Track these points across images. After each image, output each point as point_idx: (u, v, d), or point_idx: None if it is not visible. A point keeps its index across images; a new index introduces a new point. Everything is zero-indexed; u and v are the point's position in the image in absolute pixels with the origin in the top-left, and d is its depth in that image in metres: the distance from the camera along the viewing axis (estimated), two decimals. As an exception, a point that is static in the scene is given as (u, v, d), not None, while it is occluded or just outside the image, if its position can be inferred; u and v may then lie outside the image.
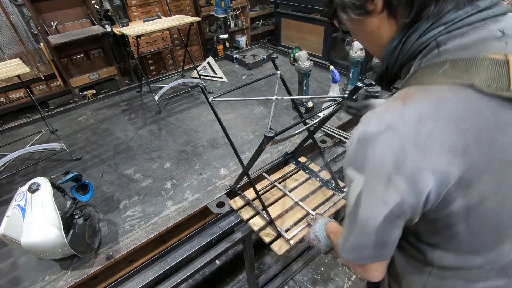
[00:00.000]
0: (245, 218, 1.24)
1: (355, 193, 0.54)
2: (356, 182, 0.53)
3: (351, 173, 0.54)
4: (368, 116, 0.53)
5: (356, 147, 0.52)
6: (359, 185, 0.52)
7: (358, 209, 0.54)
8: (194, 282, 2.05)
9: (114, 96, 2.48)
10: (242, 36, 5.10)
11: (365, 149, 0.50)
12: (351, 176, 0.54)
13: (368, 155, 0.50)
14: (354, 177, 0.53)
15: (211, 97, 1.07)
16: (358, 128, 0.53)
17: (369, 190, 0.51)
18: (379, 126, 0.49)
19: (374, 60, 1.90)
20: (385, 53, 0.60)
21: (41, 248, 1.03)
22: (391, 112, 0.50)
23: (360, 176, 0.52)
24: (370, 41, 0.64)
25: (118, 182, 1.55)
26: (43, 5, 3.46)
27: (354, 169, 0.53)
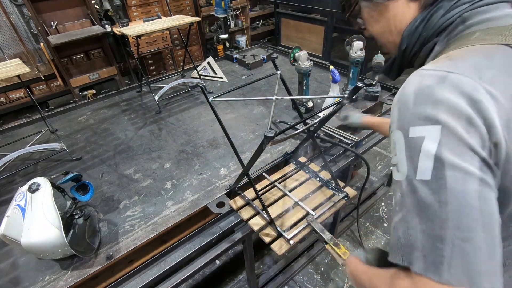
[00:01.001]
0: (245, 218, 1.24)
1: (430, 154, 0.43)
2: (430, 137, 0.43)
3: (418, 131, 0.45)
4: (414, 75, 0.50)
5: (418, 100, 0.46)
6: (435, 138, 0.43)
7: (443, 173, 0.42)
8: (194, 282, 2.05)
9: (114, 96, 2.48)
10: (242, 36, 5.10)
11: (431, 96, 0.45)
12: (419, 134, 0.45)
13: (439, 99, 0.44)
14: (424, 133, 0.44)
15: (211, 97, 1.07)
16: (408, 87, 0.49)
17: (450, 138, 0.42)
18: (438, 76, 0.46)
19: (374, 60, 1.90)
20: (406, 33, 0.61)
21: (41, 248, 1.03)
22: (441, 65, 0.48)
23: (433, 126, 0.43)
24: (390, 28, 0.64)
25: (118, 182, 1.55)
26: (43, 5, 3.47)
27: (422, 124, 0.44)
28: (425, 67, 0.50)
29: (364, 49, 1.87)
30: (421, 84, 0.47)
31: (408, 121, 0.47)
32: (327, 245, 1.08)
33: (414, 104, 0.46)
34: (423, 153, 0.44)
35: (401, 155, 0.48)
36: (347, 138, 1.65)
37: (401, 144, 0.48)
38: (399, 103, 0.50)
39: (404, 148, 0.47)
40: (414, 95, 0.47)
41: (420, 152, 0.44)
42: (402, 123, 0.48)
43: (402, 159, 0.47)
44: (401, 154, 0.48)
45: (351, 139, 1.64)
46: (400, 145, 0.48)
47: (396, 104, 0.51)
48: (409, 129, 0.46)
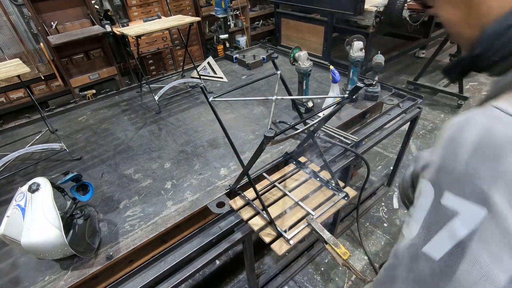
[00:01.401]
0: (245, 218, 1.24)
1: (454, 236, 0.35)
2: (464, 218, 0.34)
3: (453, 202, 0.35)
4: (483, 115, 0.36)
5: (473, 161, 0.34)
6: (469, 223, 0.34)
7: (456, 263, 0.34)
8: (194, 282, 2.05)
9: (114, 96, 2.48)
10: (242, 36, 5.10)
11: (494, 163, 0.33)
12: (453, 207, 0.35)
13: (502, 172, 0.32)
14: (461, 209, 0.35)
15: (211, 97, 1.07)
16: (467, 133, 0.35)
17: (490, 230, 0.33)
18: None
19: (374, 60, 1.90)
20: (488, 33, 0.43)
21: (41, 248, 1.03)
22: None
23: (477, 208, 0.33)
24: (468, 17, 0.46)
25: (118, 182, 1.55)
26: (43, 5, 3.47)
27: (463, 197, 0.34)
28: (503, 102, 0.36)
29: (364, 49, 1.87)
30: (488, 137, 0.34)
31: (448, 182, 0.36)
32: (327, 245, 1.08)
33: (467, 163, 0.34)
34: (446, 230, 0.36)
35: (420, 213, 0.39)
36: (347, 138, 1.65)
37: (426, 202, 0.38)
38: (447, 149, 0.37)
39: (427, 209, 0.38)
40: (473, 149, 0.34)
41: (444, 227, 0.36)
42: (440, 178, 0.37)
43: (419, 218, 0.39)
44: (420, 213, 0.39)
45: (351, 139, 1.64)
46: (425, 202, 0.39)
47: (442, 145, 0.38)
48: (445, 193, 0.36)
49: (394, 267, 0.42)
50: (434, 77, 4.44)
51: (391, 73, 4.70)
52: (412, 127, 2.09)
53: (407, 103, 1.96)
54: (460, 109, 3.64)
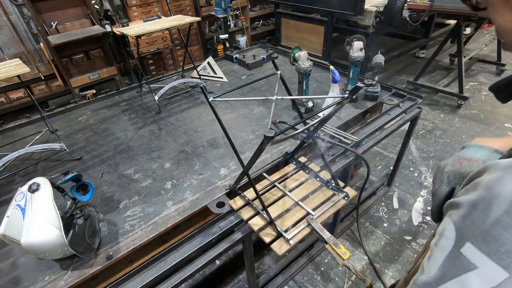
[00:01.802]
0: (245, 218, 1.24)
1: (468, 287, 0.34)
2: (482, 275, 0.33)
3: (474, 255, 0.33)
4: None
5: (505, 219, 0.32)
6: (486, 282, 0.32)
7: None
8: (194, 282, 2.05)
9: (114, 96, 2.48)
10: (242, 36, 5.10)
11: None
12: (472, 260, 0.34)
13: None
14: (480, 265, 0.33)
15: (211, 97, 1.07)
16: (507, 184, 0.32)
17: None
18: None
19: (374, 60, 1.90)
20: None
21: (41, 248, 1.03)
22: None
23: (498, 268, 0.31)
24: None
25: (118, 182, 1.55)
26: (43, 5, 3.47)
27: (486, 254, 0.32)
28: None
29: (364, 49, 1.87)
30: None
31: (473, 234, 0.34)
32: (327, 245, 1.08)
33: (497, 220, 0.32)
34: (460, 281, 0.34)
35: (440, 254, 0.38)
36: (347, 138, 1.65)
37: (447, 245, 0.37)
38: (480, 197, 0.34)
39: (447, 253, 0.37)
40: (506, 208, 0.31)
41: (459, 276, 0.34)
42: (464, 226, 0.35)
43: (438, 259, 0.38)
44: (440, 254, 0.38)
45: (351, 139, 1.64)
46: (446, 245, 0.37)
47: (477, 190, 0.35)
48: (467, 244, 0.34)
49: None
50: (434, 77, 4.44)
51: (391, 73, 4.70)
52: (412, 127, 2.09)
53: (407, 103, 1.96)
54: (460, 109, 3.65)
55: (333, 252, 1.05)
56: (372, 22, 3.27)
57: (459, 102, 3.66)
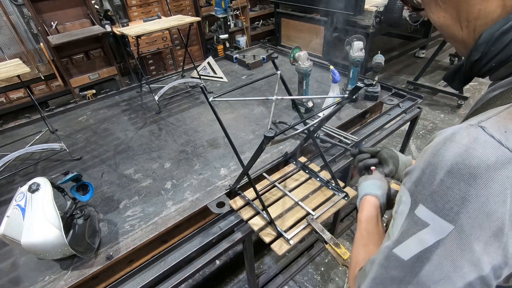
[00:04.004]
0: (245, 218, 1.24)
1: (422, 244, 0.38)
2: (433, 229, 0.37)
3: (425, 214, 0.38)
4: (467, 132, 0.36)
5: (447, 179, 0.36)
6: (437, 235, 0.37)
7: (421, 265, 0.39)
8: (194, 282, 2.06)
9: (114, 96, 2.48)
10: (242, 36, 5.10)
11: (466, 185, 0.34)
12: (424, 219, 0.38)
13: (472, 195, 0.34)
14: (431, 222, 0.38)
15: (211, 97, 1.07)
16: (448, 150, 0.36)
17: (454, 245, 0.36)
18: (498, 154, 0.33)
19: (374, 60, 1.90)
20: (484, 39, 0.42)
21: (41, 248, 1.03)
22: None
23: (445, 223, 0.36)
24: (459, 19, 0.45)
25: (118, 182, 1.55)
26: (43, 5, 3.47)
27: (434, 212, 0.37)
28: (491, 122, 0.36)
29: (364, 49, 1.87)
30: (464, 158, 0.34)
31: (424, 197, 0.39)
32: (327, 245, 1.08)
33: (441, 182, 0.36)
34: (416, 238, 0.39)
35: (399, 219, 0.43)
36: (347, 138, 1.65)
37: (404, 210, 0.42)
38: (427, 163, 0.38)
39: (404, 217, 0.42)
40: (448, 169, 0.36)
41: (415, 234, 0.39)
42: (416, 192, 0.40)
43: (399, 223, 0.43)
44: (400, 219, 0.43)
45: (351, 139, 1.64)
46: (403, 211, 0.42)
47: (425, 157, 0.39)
48: (419, 205, 0.39)
49: (373, 262, 0.48)
50: (434, 77, 4.44)
51: (391, 73, 4.70)
52: (412, 127, 2.09)
53: (407, 103, 1.96)
54: (460, 109, 3.65)
55: (333, 252, 1.05)
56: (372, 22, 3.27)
57: (459, 102, 3.66)
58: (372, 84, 1.98)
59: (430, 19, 0.52)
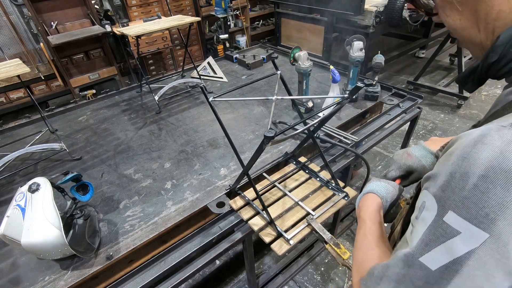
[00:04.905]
0: (245, 218, 1.24)
1: (452, 254, 0.36)
2: (465, 238, 0.35)
3: (456, 222, 0.36)
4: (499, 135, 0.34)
5: (482, 184, 0.33)
6: (470, 244, 0.34)
7: (450, 277, 0.36)
8: (194, 282, 2.05)
9: (114, 96, 2.48)
10: (242, 36, 5.10)
11: (504, 190, 0.32)
12: (455, 226, 0.36)
13: (510, 202, 0.32)
14: (463, 230, 0.35)
15: (211, 97, 1.07)
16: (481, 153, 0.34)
17: (489, 254, 0.33)
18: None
19: (374, 60, 1.90)
20: (503, 40, 0.41)
21: (41, 248, 1.03)
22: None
23: (479, 231, 0.34)
24: (477, 22, 0.44)
25: (118, 182, 1.55)
26: (43, 5, 3.47)
27: (467, 219, 0.35)
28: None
29: (364, 49, 1.87)
30: (499, 162, 0.33)
31: (454, 202, 0.36)
32: (327, 245, 1.08)
33: (475, 187, 0.34)
34: (446, 247, 0.36)
35: (421, 226, 0.40)
36: (347, 138, 1.65)
37: (429, 216, 0.39)
38: (456, 166, 0.36)
39: (429, 224, 0.39)
40: (482, 174, 0.34)
41: (444, 243, 0.36)
42: (445, 196, 0.37)
43: (420, 231, 0.40)
44: (422, 226, 0.40)
45: (351, 139, 1.64)
46: (427, 216, 0.39)
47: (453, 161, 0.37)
48: (449, 212, 0.36)
49: (387, 267, 0.44)
50: (434, 77, 4.44)
51: (391, 73, 4.70)
52: (412, 127, 2.09)
53: (407, 103, 1.96)
54: (460, 109, 3.65)
55: (333, 252, 1.05)
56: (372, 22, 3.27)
57: (459, 102, 3.66)
58: (372, 84, 1.98)
59: (445, 23, 0.50)
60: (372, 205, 0.70)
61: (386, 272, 0.44)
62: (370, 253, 0.59)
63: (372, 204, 0.70)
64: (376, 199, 0.71)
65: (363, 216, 0.68)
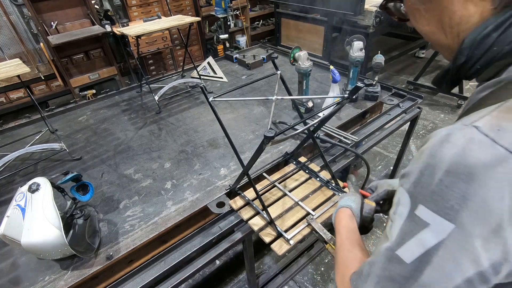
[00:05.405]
0: (245, 218, 1.24)
1: (424, 245, 0.39)
2: (434, 230, 0.38)
3: (426, 215, 0.38)
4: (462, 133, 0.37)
5: (446, 179, 0.36)
6: (438, 235, 0.37)
7: (422, 268, 0.39)
8: (194, 282, 2.05)
9: (114, 96, 2.48)
10: (242, 36, 5.10)
11: (465, 184, 0.35)
12: (425, 219, 0.38)
13: (471, 193, 0.35)
14: (432, 222, 0.38)
15: (211, 97, 1.07)
16: (445, 150, 0.37)
17: (455, 244, 0.36)
18: (493, 152, 0.34)
19: (374, 60, 1.90)
20: (468, 43, 0.44)
21: (41, 248, 1.03)
22: (511, 132, 0.35)
23: (446, 222, 0.36)
24: (442, 27, 0.48)
25: (118, 182, 1.55)
26: (43, 5, 3.47)
27: (435, 211, 0.37)
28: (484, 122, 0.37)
29: (364, 49, 1.87)
30: (461, 158, 0.35)
31: (423, 197, 0.39)
32: (327, 245, 1.08)
33: (440, 181, 0.37)
34: (418, 239, 0.39)
35: (398, 220, 0.43)
36: (347, 138, 1.65)
37: (404, 211, 0.42)
38: (426, 164, 0.39)
39: (404, 218, 0.42)
40: (447, 169, 0.36)
41: (416, 235, 0.40)
42: (416, 191, 0.40)
43: (398, 225, 0.43)
44: (399, 220, 0.43)
45: (351, 139, 1.64)
46: (403, 211, 0.42)
47: (423, 159, 0.40)
48: (419, 206, 0.39)
49: (372, 264, 0.47)
50: (434, 77, 4.44)
51: (391, 73, 4.70)
52: (412, 127, 2.09)
53: (407, 103, 1.96)
54: (460, 109, 3.65)
55: (333, 252, 1.05)
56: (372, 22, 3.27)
57: (459, 102, 3.66)
58: (372, 84, 1.98)
59: (416, 28, 0.54)
60: (345, 217, 0.77)
61: (372, 268, 0.47)
62: (350, 255, 0.64)
63: (345, 216, 0.77)
64: (347, 211, 0.78)
65: (338, 227, 0.75)
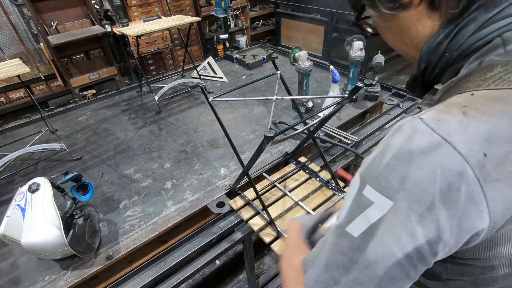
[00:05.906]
0: (245, 218, 1.24)
1: (369, 220, 0.42)
2: (377, 207, 0.42)
3: (371, 194, 0.42)
4: (409, 124, 0.41)
5: (391, 162, 0.40)
6: (380, 211, 0.41)
7: (368, 241, 0.42)
8: (194, 282, 2.06)
9: (114, 96, 2.48)
10: (242, 36, 5.10)
11: (405, 166, 0.39)
12: (370, 198, 0.42)
13: (409, 174, 0.39)
14: (375, 200, 0.42)
15: (211, 97, 1.07)
16: (395, 139, 0.42)
17: (395, 218, 0.40)
18: (430, 139, 0.38)
19: (374, 60, 1.90)
20: (424, 51, 0.51)
21: (41, 248, 1.03)
22: (447, 122, 0.39)
23: (386, 200, 0.41)
24: (404, 40, 0.54)
25: (118, 182, 1.55)
26: (43, 5, 3.47)
27: (378, 190, 0.41)
28: (428, 114, 0.42)
29: (364, 49, 1.87)
30: (405, 145, 0.40)
31: (371, 178, 0.43)
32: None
33: (387, 164, 0.41)
34: (364, 216, 0.43)
35: (348, 199, 0.47)
36: (347, 138, 1.65)
37: (353, 191, 0.46)
38: (379, 151, 0.44)
39: (353, 197, 0.45)
40: (393, 154, 0.41)
41: (362, 213, 0.43)
42: (365, 175, 0.44)
43: (347, 204, 0.47)
44: (349, 199, 0.47)
45: (351, 139, 1.64)
46: (353, 191, 0.46)
47: (379, 147, 0.44)
48: (366, 186, 0.43)
49: (324, 241, 0.50)
50: (434, 77, 4.44)
51: (391, 73, 4.70)
52: (412, 127, 2.08)
53: (407, 103, 1.96)
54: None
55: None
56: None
57: (459, 102, 3.65)
58: (372, 84, 1.98)
59: (386, 42, 0.62)
60: (293, 228, 0.80)
61: (324, 245, 0.50)
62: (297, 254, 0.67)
63: (294, 226, 0.80)
64: (296, 223, 0.81)
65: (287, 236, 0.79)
